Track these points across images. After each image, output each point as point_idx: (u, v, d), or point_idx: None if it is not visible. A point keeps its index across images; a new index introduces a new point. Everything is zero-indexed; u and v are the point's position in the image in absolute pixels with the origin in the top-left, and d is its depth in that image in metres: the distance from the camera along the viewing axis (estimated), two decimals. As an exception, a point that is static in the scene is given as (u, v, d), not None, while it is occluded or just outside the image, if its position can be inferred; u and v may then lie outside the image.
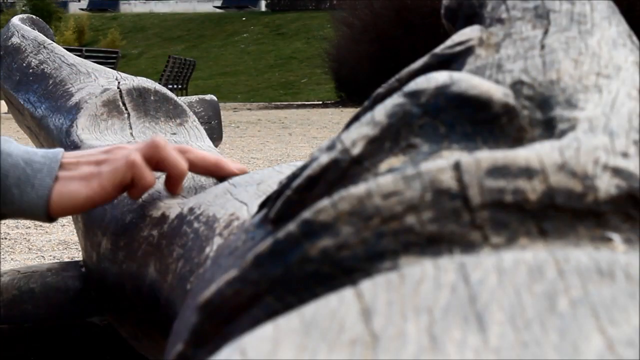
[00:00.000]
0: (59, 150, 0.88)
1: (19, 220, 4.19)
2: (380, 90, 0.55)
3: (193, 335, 0.43)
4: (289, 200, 0.46)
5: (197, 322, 0.43)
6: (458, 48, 0.57)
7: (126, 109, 1.31)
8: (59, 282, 1.25)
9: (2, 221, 4.02)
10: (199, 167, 0.91)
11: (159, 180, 1.02)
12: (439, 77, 0.46)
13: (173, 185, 0.89)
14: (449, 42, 0.58)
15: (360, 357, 0.29)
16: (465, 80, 0.45)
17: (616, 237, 0.38)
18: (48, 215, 0.86)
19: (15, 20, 1.71)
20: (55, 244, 3.67)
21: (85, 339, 1.24)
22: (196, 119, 1.35)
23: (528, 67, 0.52)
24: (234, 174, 0.91)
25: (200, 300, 0.42)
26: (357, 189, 0.39)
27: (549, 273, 0.32)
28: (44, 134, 1.47)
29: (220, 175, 0.91)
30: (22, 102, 1.50)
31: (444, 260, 0.33)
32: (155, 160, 0.87)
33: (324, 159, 0.44)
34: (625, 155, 0.41)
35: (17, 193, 0.85)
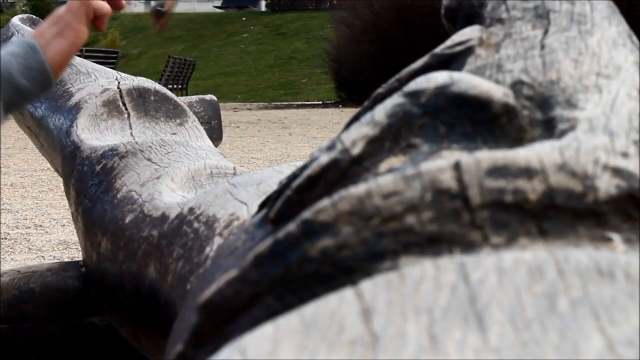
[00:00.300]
0: (30, 41, 1.12)
1: (19, 220, 4.19)
2: (380, 90, 0.55)
3: (193, 335, 0.43)
4: (289, 200, 0.46)
5: (197, 322, 0.42)
6: (458, 48, 0.56)
7: (126, 109, 1.31)
8: (59, 282, 1.25)
9: (3, 220, 4.02)
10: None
11: (158, 180, 1.02)
12: (439, 77, 0.46)
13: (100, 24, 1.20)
14: (449, 42, 0.58)
15: (360, 357, 0.28)
16: (465, 80, 0.45)
17: (616, 237, 0.38)
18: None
19: (15, 20, 1.71)
20: (55, 244, 3.67)
21: (85, 339, 1.24)
22: (196, 119, 1.35)
23: (528, 67, 0.52)
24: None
25: (200, 300, 0.42)
26: (357, 189, 0.39)
27: (549, 273, 0.32)
28: (44, 134, 1.47)
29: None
30: (22, 102, 1.49)
31: (444, 260, 0.33)
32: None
33: (324, 159, 0.44)
34: (625, 155, 0.41)
35: (27, 82, 1.08)
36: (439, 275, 0.32)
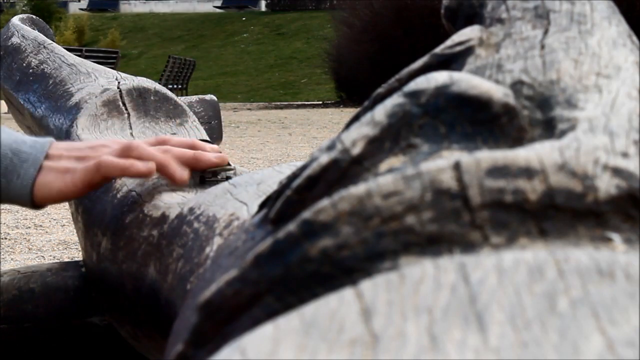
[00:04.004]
0: (47, 141, 0.93)
1: (19, 220, 4.19)
2: (380, 90, 0.55)
3: (193, 335, 0.43)
4: (289, 200, 0.46)
5: (197, 322, 0.42)
6: (458, 48, 0.57)
7: (126, 109, 1.31)
8: (59, 282, 1.25)
9: (3, 220, 4.02)
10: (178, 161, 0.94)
11: (158, 180, 1.02)
12: (439, 77, 0.46)
13: (169, 177, 0.93)
14: (449, 42, 0.58)
15: (360, 357, 0.28)
16: (465, 80, 0.45)
17: (616, 237, 0.38)
18: (33, 202, 0.92)
19: (16, 20, 1.71)
20: (55, 244, 3.67)
21: (85, 339, 1.24)
22: (196, 119, 1.35)
23: (528, 67, 0.52)
24: (214, 164, 0.95)
25: (200, 300, 0.42)
26: (357, 189, 0.39)
27: (549, 273, 0.32)
28: (44, 134, 1.47)
29: (200, 168, 0.94)
30: (22, 102, 1.50)
31: (444, 260, 0.33)
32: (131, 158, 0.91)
33: (324, 159, 0.44)
34: (625, 155, 0.41)
35: (4, 182, 0.90)
36: (439, 275, 0.32)
